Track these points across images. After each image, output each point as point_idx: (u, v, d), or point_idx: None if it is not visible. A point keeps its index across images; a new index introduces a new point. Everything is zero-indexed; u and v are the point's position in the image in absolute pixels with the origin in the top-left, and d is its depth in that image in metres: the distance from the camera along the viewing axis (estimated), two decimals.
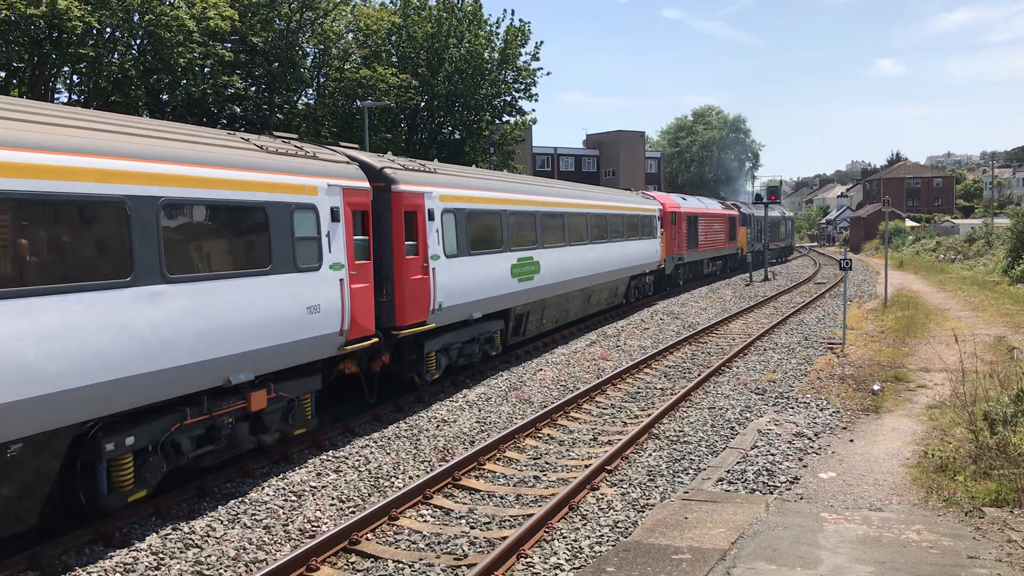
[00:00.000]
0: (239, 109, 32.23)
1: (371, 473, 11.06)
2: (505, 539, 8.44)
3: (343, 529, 8.67)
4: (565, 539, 8.76)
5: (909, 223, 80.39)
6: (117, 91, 26.54)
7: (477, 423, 13.72)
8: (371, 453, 11.93)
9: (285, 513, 9.58)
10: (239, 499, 9.94)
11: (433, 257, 14.93)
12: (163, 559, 8.27)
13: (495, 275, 17.50)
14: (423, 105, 40.40)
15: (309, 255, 11.51)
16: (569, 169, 77.16)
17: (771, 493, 9.65)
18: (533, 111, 53.28)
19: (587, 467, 10.96)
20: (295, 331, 11.13)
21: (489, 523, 9.37)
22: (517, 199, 19.17)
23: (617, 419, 14.17)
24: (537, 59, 42.71)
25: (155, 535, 8.80)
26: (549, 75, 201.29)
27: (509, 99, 42.94)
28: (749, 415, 13.72)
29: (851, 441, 11.93)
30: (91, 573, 7.94)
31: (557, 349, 20.94)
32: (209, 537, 8.85)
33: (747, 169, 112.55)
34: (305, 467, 11.22)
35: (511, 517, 9.49)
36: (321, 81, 36.39)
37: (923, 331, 22.33)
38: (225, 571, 8.06)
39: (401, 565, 8.19)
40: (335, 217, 12.13)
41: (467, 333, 16.75)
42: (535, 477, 10.99)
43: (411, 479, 10.84)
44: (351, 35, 36.66)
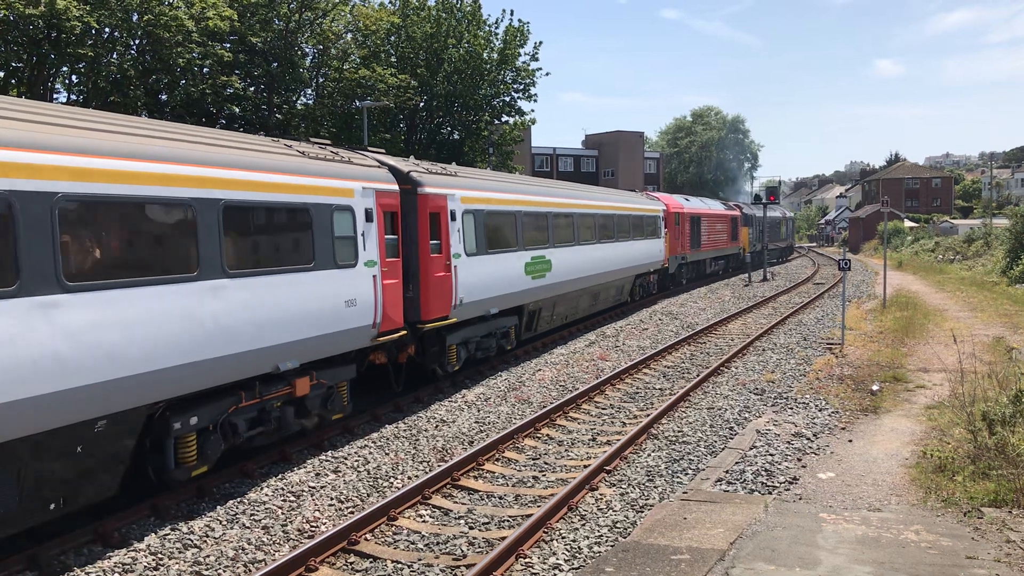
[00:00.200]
0: (238, 109, 32.23)
1: (370, 473, 11.06)
2: (504, 539, 8.44)
3: (342, 529, 8.68)
4: (564, 539, 8.76)
5: (908, 223, 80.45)
6: (116, 91, 26.52)
7: (476, 423, 13.72)
8: (370, 453, 11.93)
9: (284, 513, 9.58)
10: (238, 499, 9.93)
11: (455, 255, 15.73)
12: (162, 559, 8.27)
13: (510, 273, 18.34)
14: (422, 105, 40.37)
15: (347, 253, 12.36)
16: (568, 169, 77.06)
17: (770, 493, 9.65)
18: (532, 111, 53.06)
19: (586, 467, 10.96)
20: (335, 323, 11.98)
21: (488, 523, 9.37)
22: (530, 200, 19.95)
23: (616, 419, 14.17)
24: (536, 59, 42.67)
25: (153, 535, 8.80)
26: (548, 75, 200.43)
27: (508, 99, 42.89)
28: (748, 415, 13.72)
29: (850, 441, 11.93)
30: (89, 573, 7.93)
31: (556, 349, 20.95)
32: (208, 537, 8.84)
33: (746, 169, 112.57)
34: (304, 467, 11.22)
35: (510, 517, 9.50)
36: (320, 81, 36.37)
37: (922, 331, 22.34)
38: (224, 571, 8.06)
39: (400, 565, 8.19)
40: (369, 217, 12.96)
41: (485, 328, 17.55)
42: (534, 477, 10.99)
43: (410, 479, 10.84)
44: (350, 35, 36.65)
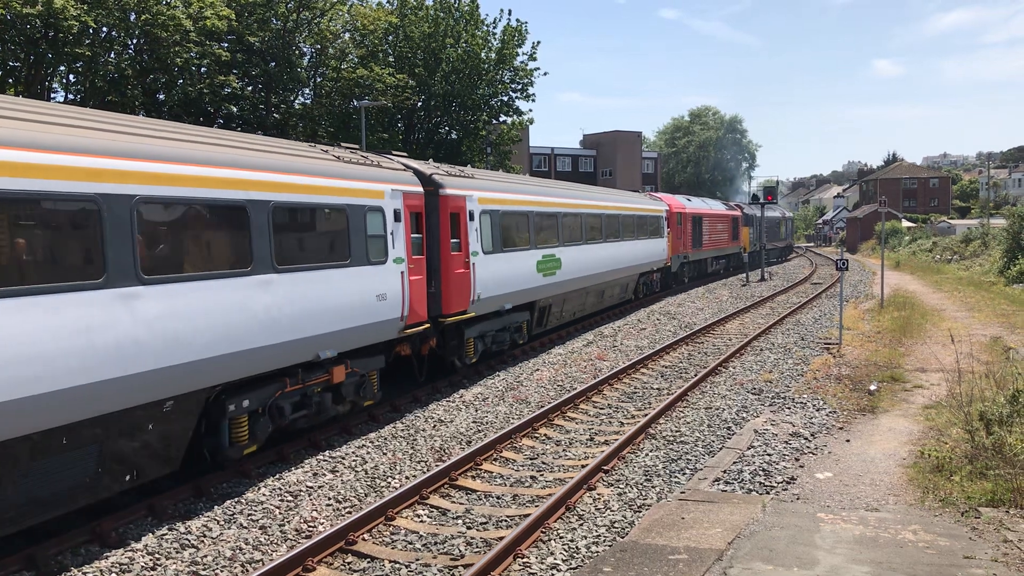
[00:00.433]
0: (236, 109, 32.24)
1: (367, 473, 11.05)
2: (502, 539, 8.44)
3: (339, 529, 8.67)
4: (562, 539, 8.75)
5: (905, 223, 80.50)
6: (113, 91, 26.51)
7: (474, 423, 13.71)
8: (367, 453, 11.92)
9: (281, 513, 9.57)
10: (235, 499, 9.92)
11: (473, 253, 16.56)
12: (159, 559, 8.26)
13: (523, 270, 19.23)
14: (420, 105, 40.37)
15: (378, 250, 13.24)
16: (566, 169, 77.06)
17: (768, 493, 9.65)
18: (530, 111, 53.23)
19: (584, 467, 10.95)
20: (367, 315, 12.85)
21: (486, 523, 9.36)
22: (542, 201, 20.84)
23: (614, 419, 14.17)
24: (534, 59, 42.69)
25: (151, 535, 8.79)
26: (546, 75, 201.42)
27: (506, 99, 42.92)
28: (746, 415, 13.72)
29: (847, 441, 11.94)
30: (87, 573, 7.92)
31: (554, 349, 20.96)
32: (205, 537, 8.83)
33: (744, 169, 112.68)
34: (301, 467, 11.21)
35: (508, 517, 9.49)
36: (318, 81, 36.35)
37: (919, 331, 22.36)
38: (221, 571, 8.05)
39: (398, 565, 8.18)
40: (397, 217, 13.83)
41: (500, 322, 18.38)
42: (532, 477, 10.99)
43: (408, 479, 10.83)
44: (348, 35, 36.64)
